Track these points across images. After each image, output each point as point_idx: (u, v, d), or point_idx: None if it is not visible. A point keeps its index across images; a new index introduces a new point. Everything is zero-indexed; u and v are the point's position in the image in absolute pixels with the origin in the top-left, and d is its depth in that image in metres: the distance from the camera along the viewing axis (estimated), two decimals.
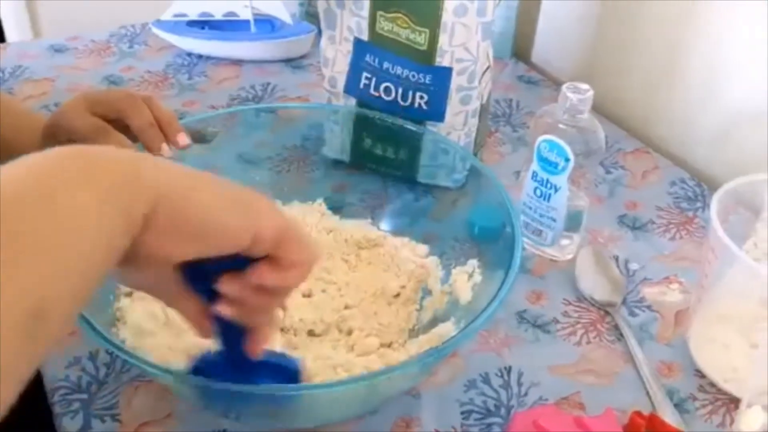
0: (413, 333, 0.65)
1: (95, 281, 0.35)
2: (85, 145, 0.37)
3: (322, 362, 0.59)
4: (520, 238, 0.59)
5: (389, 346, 0.63)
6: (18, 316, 0.30)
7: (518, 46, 1.10)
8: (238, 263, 0.42)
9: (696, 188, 0.86)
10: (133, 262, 0.38)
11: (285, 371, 0.51)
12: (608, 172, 0.89)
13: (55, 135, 0.67)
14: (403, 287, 0.69)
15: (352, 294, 0.68)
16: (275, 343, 0.59)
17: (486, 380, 0.63)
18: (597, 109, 0.95)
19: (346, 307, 0.66)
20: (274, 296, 0.45)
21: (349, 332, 0.64)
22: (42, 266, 0.31)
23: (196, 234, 0.39)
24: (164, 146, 0.64)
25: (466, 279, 0.66)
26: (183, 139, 0.65)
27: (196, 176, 0.40)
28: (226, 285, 0.43)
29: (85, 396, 0.60)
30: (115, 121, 0.65)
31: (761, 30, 0.79)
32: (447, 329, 0.62)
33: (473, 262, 0.66)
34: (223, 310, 0.44)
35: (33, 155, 0.34)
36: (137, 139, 0.65)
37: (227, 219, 0.40)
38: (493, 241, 0.64)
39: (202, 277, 0.43)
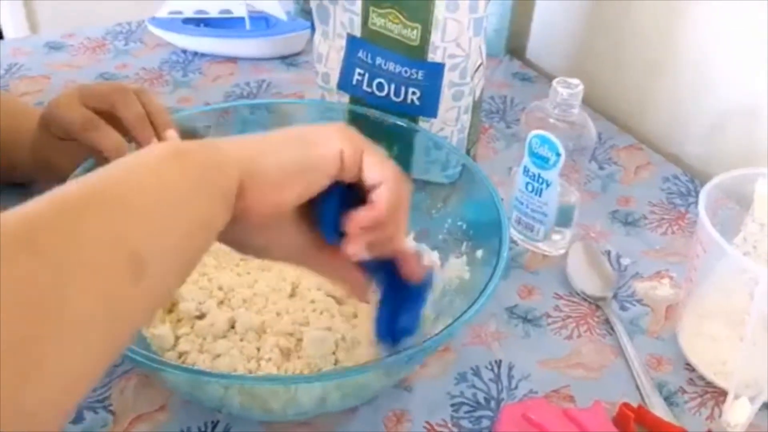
0: None
1: (194, 252, 0.40)
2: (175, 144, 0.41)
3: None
4: (507, 235, 0.60)
5: None
6: (118, 256, 0.34)
7: (513, 43, 1.11)
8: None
9: (689, 184, 0.87)
10: (249, 227, 0.44)
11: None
12: (601, 168, 0.89)
13: (49, 127, 0.67)
14: None
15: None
16: None
17: (477, 373, 0.63)
18: (591, 105, 0.95)
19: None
20: (390, 221, 0.48)
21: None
22: (139, 222, 0.36)
23: (288, 179, 0.44)
24: (154, 141, 0.64)
25: (454, 277, 0.66)
26: (171, 135, 0.64)
27: (263, 139, 0.46)
28: (349, 225, 0.47)
29: None
30: (108, 113, 0.65)
31: (754, 27, 0.79)
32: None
33: (462, 260, 0.67)
34: (353, 249, 0.47)
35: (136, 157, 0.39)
36: (128, 131, 0.65)
37: (308, 153, 0.45)
38: (484, 237, 0.64)
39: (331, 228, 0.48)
